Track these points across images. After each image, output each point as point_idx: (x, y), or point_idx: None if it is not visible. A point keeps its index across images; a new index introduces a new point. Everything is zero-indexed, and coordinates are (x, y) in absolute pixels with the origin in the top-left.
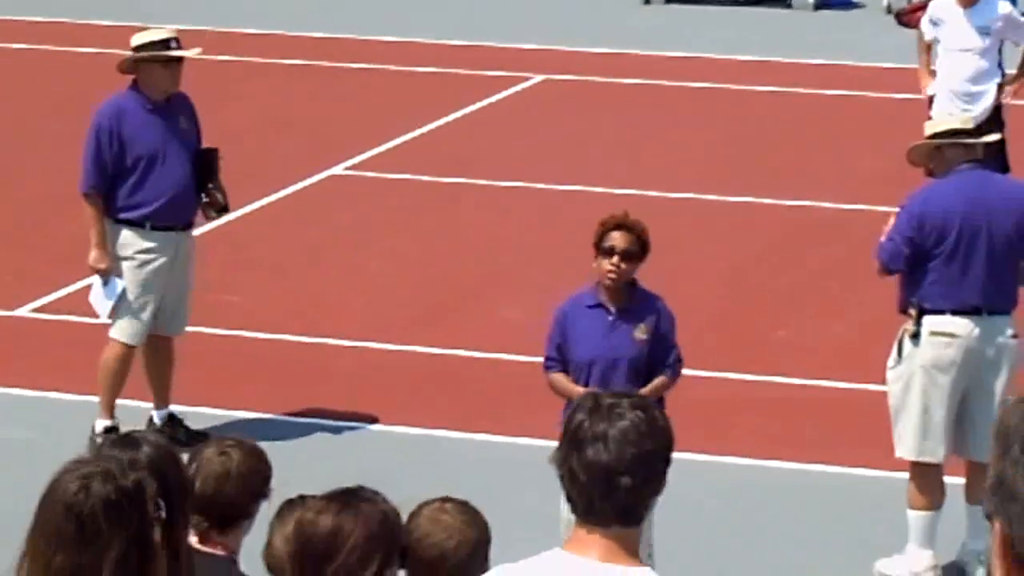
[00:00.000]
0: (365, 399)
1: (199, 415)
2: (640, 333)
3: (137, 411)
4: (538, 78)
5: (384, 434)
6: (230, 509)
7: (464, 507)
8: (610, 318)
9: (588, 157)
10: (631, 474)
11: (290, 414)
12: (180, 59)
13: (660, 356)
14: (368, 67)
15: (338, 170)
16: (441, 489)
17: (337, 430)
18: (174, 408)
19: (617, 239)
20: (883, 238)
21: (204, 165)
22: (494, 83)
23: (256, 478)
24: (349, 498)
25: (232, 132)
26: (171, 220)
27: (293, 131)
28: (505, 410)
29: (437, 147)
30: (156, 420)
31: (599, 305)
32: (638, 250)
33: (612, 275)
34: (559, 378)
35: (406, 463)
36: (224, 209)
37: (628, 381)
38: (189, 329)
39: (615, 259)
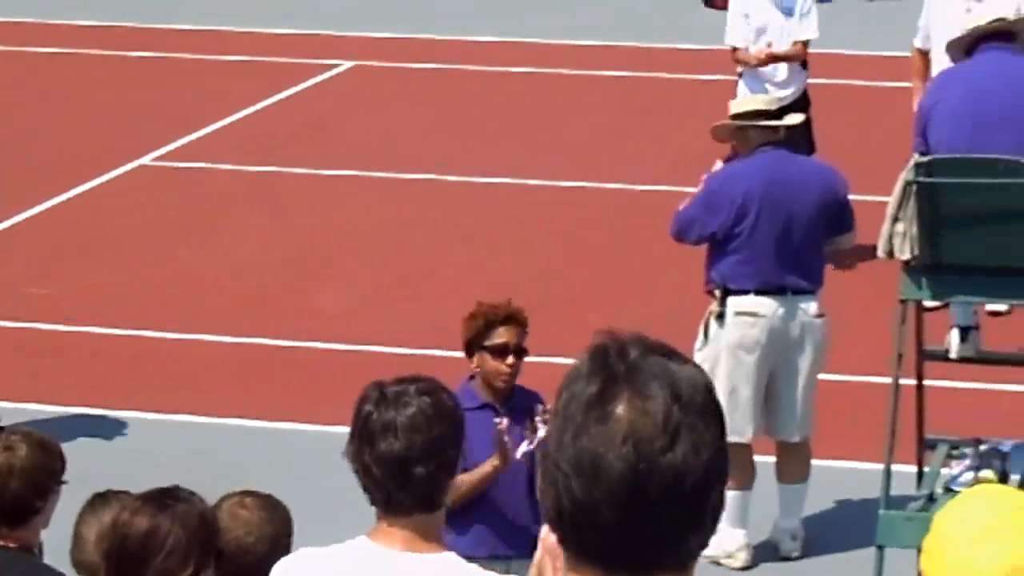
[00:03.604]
0: (176, 390)
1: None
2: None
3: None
4: (348, 64)
5: (193, 425)
6: (15, 503)
7: (265, 501)
8: (497, 419)
9: (401, 143)
10: (423, 462)
11: (99, 406)
12: None
13: None
14: (172, 56)
15: (146, 160)
16: (250, 480)
17: (146, 422)
18: None
19: (507, 335)
20: (680, 207)
21: None
22: (304, 70)
23: (41, 473)
24: (165, 498)
25: (37, 124)
26: None
27: (99, 122)
28: (316, 398)
29: (247, 136)
30: None
31: (485, 406)
32: (524, 341)
33: (506, 377)
34: (460, 478)
35: (215, 453)
36: None
37: (530, 478)
38: None
39: (511, 359)
